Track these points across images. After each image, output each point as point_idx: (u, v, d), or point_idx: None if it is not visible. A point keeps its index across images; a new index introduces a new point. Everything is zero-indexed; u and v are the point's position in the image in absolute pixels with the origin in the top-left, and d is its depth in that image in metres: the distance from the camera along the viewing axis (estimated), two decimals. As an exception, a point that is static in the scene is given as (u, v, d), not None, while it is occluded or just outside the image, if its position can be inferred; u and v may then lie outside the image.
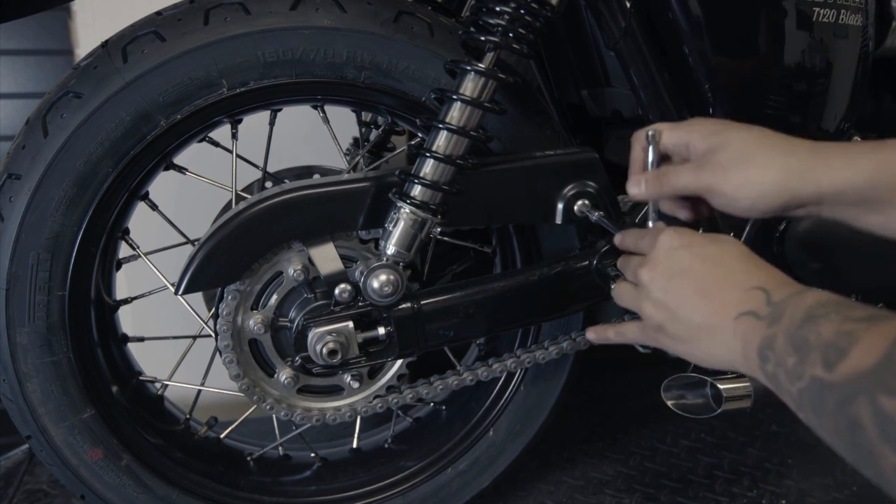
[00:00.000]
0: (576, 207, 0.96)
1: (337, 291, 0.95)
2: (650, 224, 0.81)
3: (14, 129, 1.22)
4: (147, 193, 1.02)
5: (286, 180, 0.99)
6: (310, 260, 0.96)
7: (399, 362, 1.04)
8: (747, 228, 1.02)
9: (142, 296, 1.08)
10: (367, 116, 1.35)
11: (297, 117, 1.22)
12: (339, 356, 0.92)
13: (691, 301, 0.68)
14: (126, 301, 1.07)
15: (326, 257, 0.95)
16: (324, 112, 1.03)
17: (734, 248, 0.69)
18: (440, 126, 0.87)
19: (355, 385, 1.01)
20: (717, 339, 0.65)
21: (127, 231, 1.03)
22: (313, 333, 0.93)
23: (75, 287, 0.93)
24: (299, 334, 0.95)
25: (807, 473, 1.31)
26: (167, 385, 1.09)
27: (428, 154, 0.88)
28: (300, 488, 1.13)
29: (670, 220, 0.80)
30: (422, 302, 0.94)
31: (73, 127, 0.87)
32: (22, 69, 1.52)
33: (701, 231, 0.84)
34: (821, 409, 0.53)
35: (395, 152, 1.16)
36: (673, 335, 0.71)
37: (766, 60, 0.97)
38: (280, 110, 1.02)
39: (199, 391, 1.12)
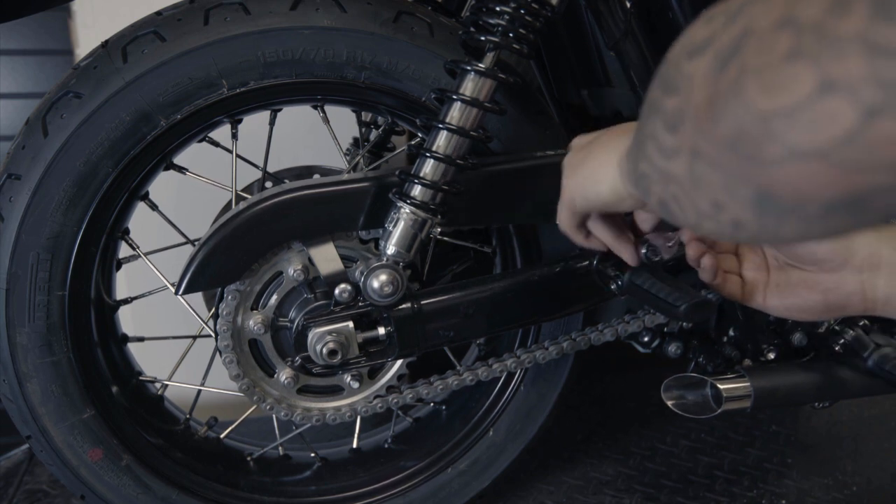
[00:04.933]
0: (576, 207, 0.96)
1: (337, 291, 0.95)
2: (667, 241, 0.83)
3: (14, 129, 1.22)
4: (147, 193, 1.02)
5: (286, 180, 0.99)
6: (310, 260, 0.96)
7: (399, 362, 1.04)
8: None
9: (142, 296, 1.08)
10: (367, 116, 1.35)
11: (297, 117, 1.22)
12: (339, 356, 0.92)
13: (583, 163, 0.73)
14: (126, 301, 1.07)
15: (326, 257, 0.95)
16: (324, 112, 1.03)
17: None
18: (440, 126, 0.87)
19: (355, 385, 1.01)
20: (604, 168, 0.68)
21: (127, 231, 1.03)
22: (313, 333, 0.93)
23: (75, 287, 0.93)
24: (299, 334, 0.95)
25: (807, 473, 1.31)
26: (167, 385, 1.09)
27: (428, 154, 0.88)
28: (300, 488, 1.13)
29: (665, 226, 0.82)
30: (422, 302, 0.94)
31: (73, 127, 0.87)
32: (22, 69, 1.52)
33: None
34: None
35: (395, 152, 1.16)
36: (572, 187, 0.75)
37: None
38: (280, 110, 1.02)
39: (199, 391, 1.12)
